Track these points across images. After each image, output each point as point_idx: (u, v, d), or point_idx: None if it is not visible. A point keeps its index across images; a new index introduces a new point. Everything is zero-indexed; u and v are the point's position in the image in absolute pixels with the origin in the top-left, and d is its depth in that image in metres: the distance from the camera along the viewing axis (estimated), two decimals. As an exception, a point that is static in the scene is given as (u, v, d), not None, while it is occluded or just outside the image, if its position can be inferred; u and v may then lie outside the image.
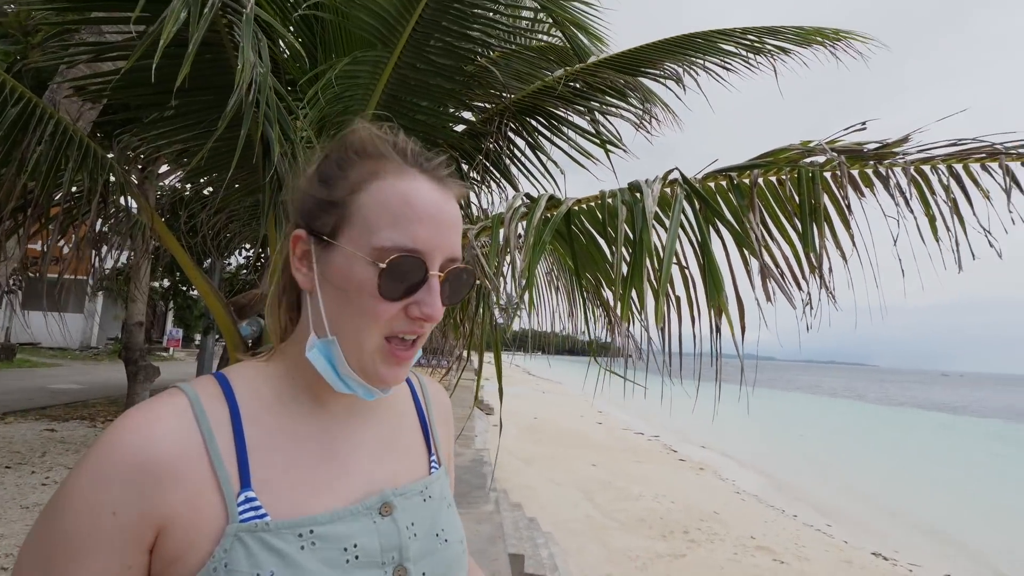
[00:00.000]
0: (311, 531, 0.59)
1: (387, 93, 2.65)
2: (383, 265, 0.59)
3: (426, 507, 0.69)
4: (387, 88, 2.63)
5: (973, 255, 1.59)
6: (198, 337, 12.75)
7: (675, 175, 1.77)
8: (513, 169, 2.85)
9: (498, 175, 2.92)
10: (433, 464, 0.76)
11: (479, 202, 3.04)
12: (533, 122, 2.81)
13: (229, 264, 10.21)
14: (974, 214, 1.54)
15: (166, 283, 12.28)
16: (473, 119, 2.83)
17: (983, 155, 1.39)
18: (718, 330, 1.89)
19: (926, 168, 1.51)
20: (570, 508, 7.73)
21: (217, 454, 0.58)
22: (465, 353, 2.46)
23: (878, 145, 1.44)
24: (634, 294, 1.69)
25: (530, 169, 2.82)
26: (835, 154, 1.39)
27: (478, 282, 2.33)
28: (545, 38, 3.08)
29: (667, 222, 1.76)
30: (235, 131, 1.76)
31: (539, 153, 2.77)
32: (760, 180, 1.61)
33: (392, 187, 0.62)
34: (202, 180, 2.84)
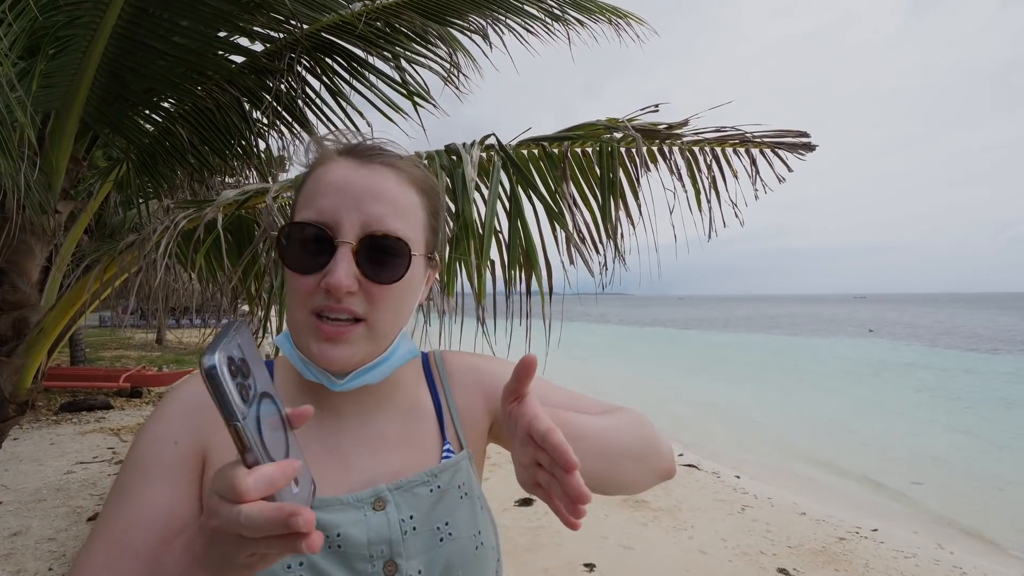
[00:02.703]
0: None
1: (132, 4, 2.05)
2: (274, 233, 0.57)
3: (431, 498, 0.67)
4: (132, -3, 2.03)
5: (724, 223, 1.97)
6: None
7: (491, 140, 1.78)
8: (311, 115, 2.52)
9: (291, 120, 2.55)
10: (447, 452, 0.72)
11: (271, 148, 2.63)
12: (332, 63, 2.49)
13: None
14: (727, 188, 1.89)
15: None
16: (257, 51, 2.38)
17: (736, 141, 1.70)
18: (528, 292, 2.03)
19: (696, 149, 1.78)
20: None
21: None
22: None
23: (667, 126, 1.65)
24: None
25: (330, 117, 2.52)
26: (635, 132, 1.54)
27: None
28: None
29: (484, 188, 1.77)
30: None
31: (340, 100, 2.49)
32: (568, 152, 1.71)
33: (313, 175, 0.65)
34: None
